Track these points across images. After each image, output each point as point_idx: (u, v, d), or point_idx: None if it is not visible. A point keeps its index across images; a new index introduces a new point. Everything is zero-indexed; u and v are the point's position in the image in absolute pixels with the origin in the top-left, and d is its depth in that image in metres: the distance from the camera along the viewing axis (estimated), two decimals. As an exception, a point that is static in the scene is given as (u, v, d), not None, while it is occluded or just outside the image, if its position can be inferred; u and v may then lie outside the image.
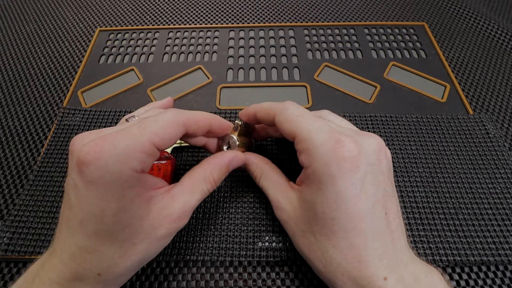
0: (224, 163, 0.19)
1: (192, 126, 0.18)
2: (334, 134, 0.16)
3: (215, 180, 0.19)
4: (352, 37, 0.36)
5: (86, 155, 0.14)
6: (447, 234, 0.22)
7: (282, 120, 0.18)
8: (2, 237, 0.21)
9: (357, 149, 0.16)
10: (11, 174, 0.25)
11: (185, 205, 0.17)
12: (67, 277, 0.15)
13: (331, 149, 0.16)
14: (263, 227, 0.22)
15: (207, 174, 0.18)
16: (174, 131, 0.17)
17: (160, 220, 0.16)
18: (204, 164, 0.19)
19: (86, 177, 0.14)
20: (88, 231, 0.15)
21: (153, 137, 0.15)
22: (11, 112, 0.29)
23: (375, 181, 0.16)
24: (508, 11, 0.39)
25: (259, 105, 0.21)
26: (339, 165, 0.15)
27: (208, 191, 0.18)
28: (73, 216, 0.15)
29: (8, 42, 0.36)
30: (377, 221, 0.16)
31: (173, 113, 0.17)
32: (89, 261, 0.15)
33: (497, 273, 0.21)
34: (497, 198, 0.23)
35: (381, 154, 0.17)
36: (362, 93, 0.31)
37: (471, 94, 0.31)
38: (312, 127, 0.17)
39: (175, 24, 0.38)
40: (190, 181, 0.18)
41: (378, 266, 0.15)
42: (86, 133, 0.16)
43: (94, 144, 0.14)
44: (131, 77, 0.33)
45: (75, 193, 0.15)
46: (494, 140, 0.26)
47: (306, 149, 0.17)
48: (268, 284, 0.20)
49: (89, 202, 0.14)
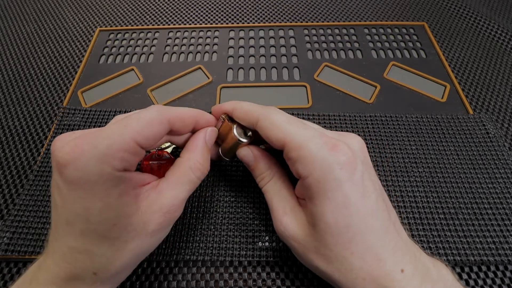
0: (201, 144, 0.18)
1: (177, 123, 0.17)
2: (327, 140, 0.16)
3: (202, 164, 0.18)
4: (352, 37, 0.36)
5: (64, 156, 0.14)
6: (447, 234, 0.22)
7: (268, 125, 0.17)
8: (2, 237, 0.21)
9: (351, 151, 0.16)
10: (11, 174, 0.25)
11: (173, 199, 0.17)
12: (62, 277, 0.15)
13: (329, 155, 0.15)
14: (263, 227, 0.22)
15: (191, 163, 0.18)
16: (158, 129, 0.16)
17: (150, 215, 0.16)
18: (185, 154, 0.18)
19: (66, 178, 0.14)
20: (76, 231, 0.15)
21: (135, 135, 0.15)
22: (11, 112, 0.29)
23: (370, 177, 0.16)
24: (508, 11, 0.39)
25: (238, 104, 0.19)
26: (341, 169, 0.15)
27: (198, 179, 0.18)
28: (59, 217, 0.15)
29: (8, 42, 0.36)
30: (382, 216, 0.16)
31: (156, 110, 0.16)
32: (81, 261, 0.15)
33: (497, 273, 0.21)
34: (497, 198, 0.23)
35: (365, 151, 0.18)
36: (362, 93, 0.31)
37: (471, 94, 0.31)
38: (304, 134, 0.16)
39: (175, 24, 0.38)
40: (176, 174, 0.17)
41: (394, 260, 0.15)
42: (69, 133, 0.16)
43: (74, 145, 0.14)
44: (131, 77, 0.32)
45: (58, 193, 0.15)
46: (494, 140, 0.26)
47: (302, 157, 0.16)
48: (268, 284, 0.20)
49: (72, 202, 0.14)
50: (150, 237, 0.16)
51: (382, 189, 0.17)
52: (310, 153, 0.16)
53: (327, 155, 0.15)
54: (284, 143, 0.17)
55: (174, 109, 0.17)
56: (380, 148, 0.26)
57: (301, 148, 0.16)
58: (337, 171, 0.15)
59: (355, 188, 0.15)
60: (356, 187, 0.15)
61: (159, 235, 0.17)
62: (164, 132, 0.17)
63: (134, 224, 0.16)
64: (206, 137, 0.19)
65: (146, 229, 0.16)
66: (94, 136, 0.14)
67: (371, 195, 0.16)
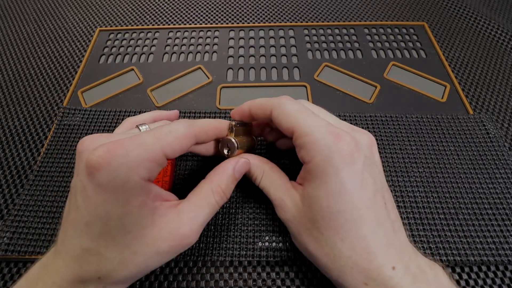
0: (229, 170, 0.19)
1: (202, 136, 0.18)
2: (332, 129, 0.17)
3: (223, 190, 0.18)
4: (352, 37, 0.36)
5: (97, 159, 0.14)
6: (447, 234, 0.22)
7: (279, 115, 0.18)
8: (2, 237, 0.21)
9: (354, 143, 0.16)
10: (11, 174, 0.25)
11: (192, 222, 0.17)
12: (70, 280, 0.15)
13: (331, 143, 0.16)
14: (263, 227, 0.22)
15: (213, 186, 0.18)
16: (185, 142, 0.17)
17: (165, 234, 0.16)
18: (210, 177, 0.19)
19: (95, 181, 0.14)
20: (93, 233, 0.15)
21: (165, 147, 0.16)
22: (11, 112, 0.29)
23: (372, 173, 0.17)
24: (508, 11, 0.39)
25: (253, 101, 0.20)
26: (341, 157, 0.16)
27: (217, 204, 0.18)
28: (79, 218, 0.15)
29: (8, 42, 0.36)
30: (379, 210, 0.16)
31: (184, 125, 0.17)
32: (91, 264, 0.15)
33: (497, 273, 0.21)
34: (497, 198, 0.23)
35: (373, 149, 0.18)
36: (362, 93, 0.31)
37: (471, 94, 0.31)
38: (311, 122, 0.17)
39: (175, 24, 0.38)
40: (197, 196, 0.18)
41: (386, 256, 0.15)
42: (96, 135, 0.16)
43: (107, 149, 0.14)
44: (131, 77, 0.32)
45: (83, 195, 0.15)
46: (494, 140, 0.26)
47: (306, 143, 0.17)
48: (268, 284, 0.20)
49: (96, 205, 0.15)
50: (159, 256, 0.16)
51: (385, 188, 0.18)
52: (314, 139, 0.16)
53: (330, 142, 0.16)
54: (293, 130, 0.17)
55: (199, 123, 0.18)
56: (380, 148, 0.26)
57: (307, 135, 0.17)
58: (337, 158, 0.16)
59: (353, 177, 0.16)
60: (355, 176, 0.16)
61: (166, 257, 0.17)
62: (190, 145, 0.17)
63: (147, 238, 0.16)
64: (236, 166, 0.19)
65: (157, 246, 0.16)
66: (127, 143, 0.15)
67: (369, 188, 0.16)
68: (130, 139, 0.15)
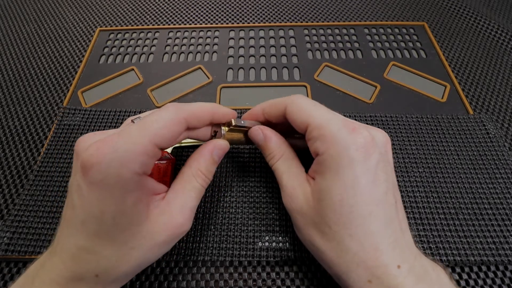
0: (206, 155, 0.19)
1: (194, 121, 0.18)
2: (348, 123, 0.17)
3: (203, 172, 0.18)
4: (352, 37, 0.36)
5: (89, 158, 0.14)
6: (447, 234, 0.22)
7: (294, 110, 0.18)
8: (2, 237, 0.21)
9: (371, 137, 0.16)
10: (11, 174, 0.25)
11: (183, 209, 0.17)
12: (67, 277, 0.15)
13: (348, 135, 0.16)
14: (263, 227, 0.22)
15: (193, 170, 0.18)
16: (175, 129, 0.16)
17: (159, 226, 0.16)
18: (189, 162, 0.19)
19: (89, 179, 0.14)
20: (89, 231, 0.15)
21: (154, 137, 0.15)
22: (11, 112, 0.29)
23: (385, 170, 0.17)
24: (508, 11, 0.39)
25: (265, 102, 0.21)
26: (357, 150, 0.16)
27: (201, 186, 0.18)
28: (75, 216, 0.15)
29: (8, 42, 0.36)
30: (389, 209, 0.16)
31: (172, 110, 0.16)
32: (88, 262, 0.15)
33: (497, 273, 0.21)
34: (497, 198, 0.23)
35: (388, 147, 0.18)
36: (362, 93, 0.31)
37: (471, 94, 0.31)
38: (327, 115, 0.17)
39: (175, 24, 0.38)
40: (180, 183, 0.18)
41: (392, 255, 0.15)
42: (91, 133, 0.16)
43: (96, 147, 0.14)
44: (131, 77, 0.32)
45: (78, 194, 0.15)
46: (494, 140, 0.26)
47: (322, 135, 0.16)
48: (268, 284, 0.20)
49: (91, 203, 0.15)
50: (157, 248, 0.16)
51: (396, 187, 0.18)
52: (330, 132, 0.16)
53: (346, 135, 0.16)
54: (307, 124, 0.17)
55: (190, 106, 0.18)
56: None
57: (322, 127, 0.17)
58: (352, 150, 0.16)
59: (367, 172, 0.16)
60: (368, 172, 0.16)
61: (164, 247, 0.17)
62: (181, 131, 0.17)
63: (143, 232, 0.16)
64: (213, 150, 0.19)
65: (154, 239, 0.16)
66: (115, 139, 0.15)
67: (381, 184, 0.16)
68: (118, 135, 0.15)
